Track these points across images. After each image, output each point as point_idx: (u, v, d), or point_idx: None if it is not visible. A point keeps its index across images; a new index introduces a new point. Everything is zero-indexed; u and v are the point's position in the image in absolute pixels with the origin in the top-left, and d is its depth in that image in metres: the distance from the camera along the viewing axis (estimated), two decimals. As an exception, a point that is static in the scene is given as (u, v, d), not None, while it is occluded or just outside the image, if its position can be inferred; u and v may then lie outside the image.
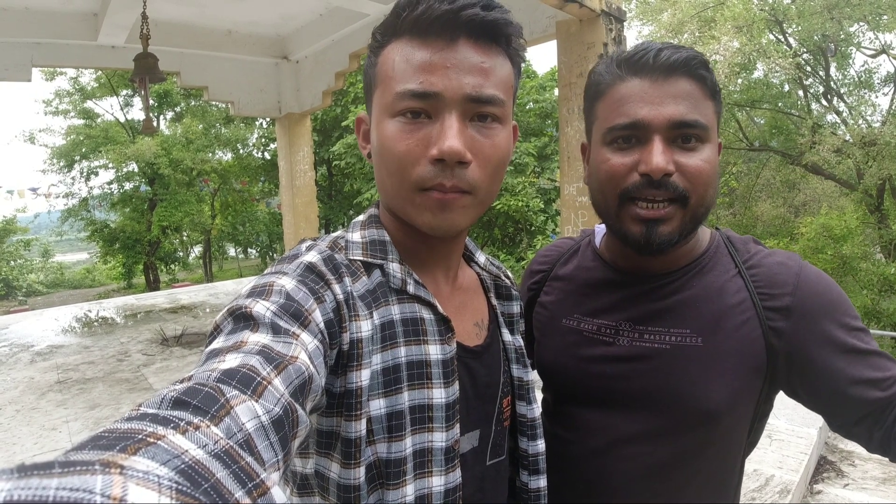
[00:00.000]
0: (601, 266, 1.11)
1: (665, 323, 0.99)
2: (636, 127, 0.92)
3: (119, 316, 8.95)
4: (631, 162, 0.93)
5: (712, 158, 0.93)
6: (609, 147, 0.97)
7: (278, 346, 0.60)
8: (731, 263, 1.00)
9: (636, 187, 0.93)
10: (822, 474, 3.34)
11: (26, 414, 4.60)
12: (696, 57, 0.92)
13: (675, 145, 0.92)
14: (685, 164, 0.91)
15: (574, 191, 4.89)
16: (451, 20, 0.74)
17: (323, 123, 20.34)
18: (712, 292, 0.98)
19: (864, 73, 15.17)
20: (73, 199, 22.71)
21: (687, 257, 1.02)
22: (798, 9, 12.97)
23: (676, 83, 0.91)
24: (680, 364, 0.96)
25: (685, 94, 0.91)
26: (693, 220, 0.94)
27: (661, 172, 0.89)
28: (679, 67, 0.91)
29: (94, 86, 21.92)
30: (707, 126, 0.92)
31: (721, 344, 0.94)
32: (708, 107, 0.93)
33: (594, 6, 4.42)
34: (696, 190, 0.91)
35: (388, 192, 0.82)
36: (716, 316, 0.96)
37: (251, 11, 7.00)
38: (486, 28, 0.76)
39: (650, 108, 0.91)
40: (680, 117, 0.90)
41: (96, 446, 0.36)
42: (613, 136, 0.95)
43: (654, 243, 0.93)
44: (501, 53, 0.80)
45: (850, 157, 13.67)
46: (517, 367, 0.98)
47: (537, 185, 17.41)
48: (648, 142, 0.92)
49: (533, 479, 0.99)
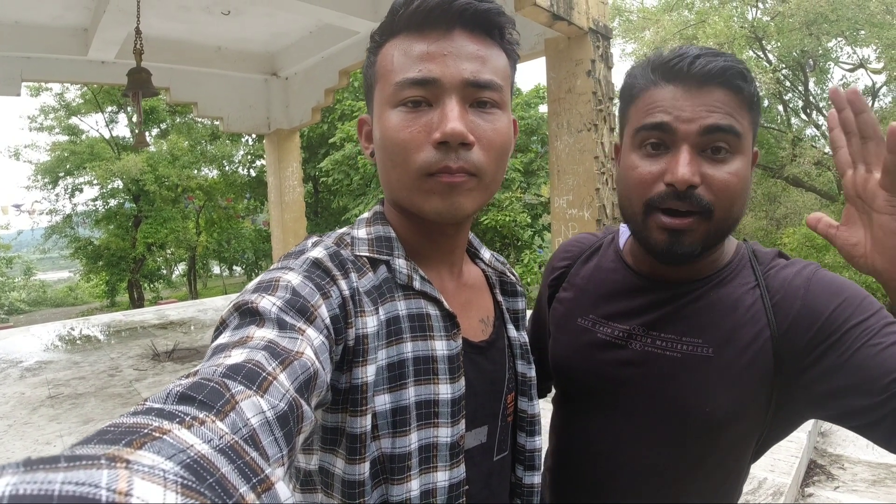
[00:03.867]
0: (622, 269, 1.10)
1: (678, 331, 0.98)
2: (664, 129, 0.90)
3: (107, 332, 8.86)
4: (658, 171, 0.91)
5: (742, 171, 0.90)
6: (638, 152, 0.95)
7: (284, 341, 0.60)
8: (751, 276, 0.98)
9: (661, 197, 0.91)
10: (812, 477, 3.39)
11: (19, 429, 4.56)
12: (732, 67, 0.88)
13: (704, 155, 0.89)
14: (712, 177, 0.88)
15: (564, 203, 4.96)
16: (445, 11, 0.76)
17: (310, 140, 20.34)
18: (728, 304, 0.96)
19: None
20: (57, 215, 22.48)
21: (710, 268, 1.00)
22: (777, 25, 13.23)
23: (711, 93, 0.88)
24: (689, 373, 0.95)
25: (719, 105, 0.88)
26: (718, 232, 0.91)
27: (685, 184, 0.87)
28: (715, 77, 0.88)
29: (79, 102, 21.78)
30: (739, 133, 0.88)
31: (732, 356, 0.93)
32: (744, 118, 0.90)
33: (582, 24, 4.53)
34: (721, 203, 0.89)
35: (393, 183, 0.82)
36: (729, 328, 0.94)
37: (241, 28, 7.06)
38: (479, 18, 0.78)
39: (681, 115, 0.89)
40: (712, 122, 0.87)
41: (102, 440, 0.36)
42: (641, 137, 0.93)
43: (677, 253, 0.92)
44: (496, 46, 0.82)
45: (830, 169, 13.93)
46: (521, 363, 0.99)
47: (523, 200, 17.52)
48: (676, 150, 0.90)
49: (528, 475, 1.00)
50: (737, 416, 0.93)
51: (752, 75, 0.92)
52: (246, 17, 6.66)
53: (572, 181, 4.93)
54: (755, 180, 16.78)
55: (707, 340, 0.95)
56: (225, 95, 8.29)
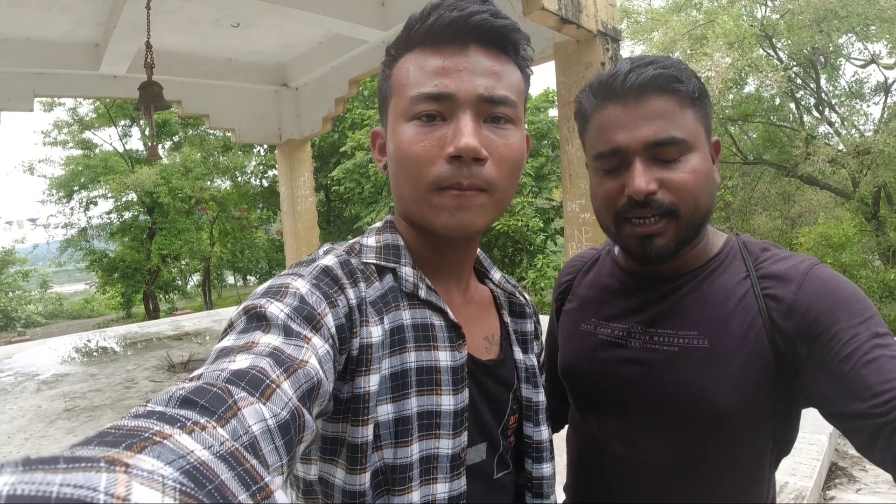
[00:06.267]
0: (618, 272, 1.13)
1: (674, 325, 1.00)
2: (616, 153, 0.95)
3: (123, 344, 8.94)
4: (619, 185, 0.97)
5: (699, 166, 0.94)
6: (598, 173, 1.01)
7: (289, 348, 0.60)
8: (742, 267, 1.00)
9: (626, 208, 0.96)
10: (834, 480, 3.35)
11: (35, 442, 4.59)
12: (662, 73, 0.93)
13: (655, 163, 0.94)
14: (669, 179, 0.93)
15: (577, 207, 4.94)
16: (461, 27, 0.77)
17: (321, 149, 20.44)
18: (720, 295, 0.98)
19: (854, 83, 15.32)
20: (71, 229, 22.75)
21: (698, 260, 1.03)
22: (787, 23, 13.14)
23: (648, 103, 0.93)
24: (688, 366, 0.97)
25: (658, 113, 0.92)
26: (689, 227, 0.96)
27: (642, 194, 0.92)
28: (648, 86, 0.93)
29: (92, 116, 22.03)
30: (685, 139, 0.93)
31: (728, 346, 0.94)
32: (686, 117, 0.94)
33: (591, 27, 4.51)
34: (685, 201, 0.93)
35: (405, 196, 0.82)
36: (723, 318, 0.96)
37: (251, 40, 7.10)
38: (494, 34, 0.79)
39: (625, 133, 0.94)
40: (654, 137, 0.92)
41: (102, 442, 0.36)
42: (598, 163, 1.00)
43: (651, 256, 0.96)
44: (511, 62, 0.82)
45: (844, 166, 13.78)
46: (527, 386, 0.98)
47: (535, 204, 17.51)
48: (629, 165, 0.94)
49: (536, 503, 0.99)
50: (742, 409, 0.93)
51: (689, 71, 0.97)
52: (255, 29, 6.71)
53: (584, 185, 4.90)
54: (768, 179, 16.73)
55: (702, 332, 0.97)
56: (236, 107, 8.35)
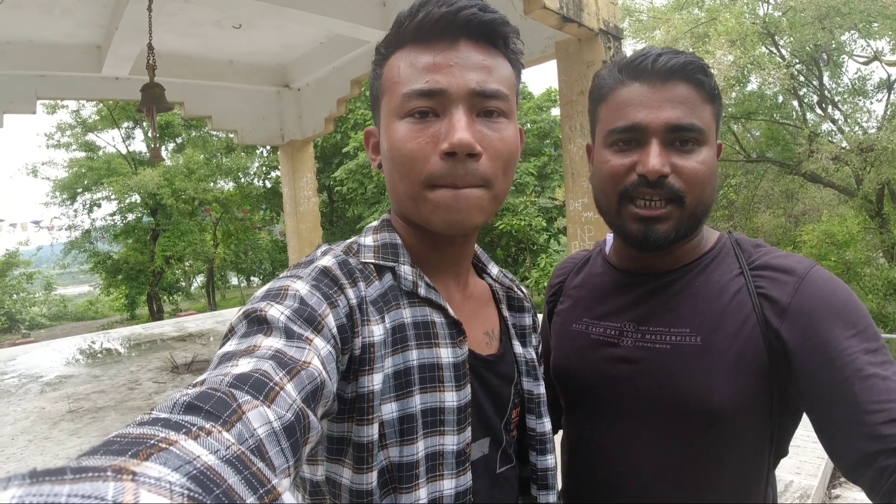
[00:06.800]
0: (609, 271, 1.13)
1: (666, 323, 1.00)
2: (634, 130, 0.95)
3: (127, 345, 8.96)
4: (630, 162, 0.96)
5: (709, 160, 0.96)
6: (610, 149, 1.00)
7: (291, 350, 0.60)
8: (735, 264, 1.00)
9: (634, 186, 0.96)
10: (839, 478, 3.34)
11: (39, 444, 4.61)
12: (693, 62, 0.94)
13: (672, 148, 0.94)
14: (682, 166, 0.94)
15: (579, 206, 4.94)
16: (450, 22, 0.76)
17: (323, 150, 20.45)
18: (713, 292, 0.98)
19: (857, 80, 15.26)
20: (75, 231, 22.86)
21: (690, 255, 1.03)
22: (789, 20, 13.11)
23: (674, 88, 0.94)
24: (681, 364, 0.96)
25: (682, 99, 0.94)
26: (691, 218, 0.96)
27: (656, 174, 0.92)
28: (677, 72, 0.94)
29: (95, 118, 22.12)
30: (704, 129, 0.94)
31: (720, 343, 0.94)
32: (706, 110, 0.95)
33: (592, 25, 4.50)
34: (692, 190, 0.94)
35: (400, 194, 0.82)
36: (715, 315, 0.96)
37: (252, 41, 7.11)
38: (484, 28, 0.78)
39: (648, 112, 0.94)
40: (676, 121, 0.93)
41: (108, 451, 0.36)
42: (614, 138, 0.99)
43: (651, 240, 0.96)
44: (501, 55, 0.82)
45: (848, 164, 13.74)
46: (528, 379, 0.98)
47: (538, 204, 17.50)
48: (646, 144, 0.95)
49: (542, 494, 0.99)
50: (737, 407, 0.93)
51: (711, 71, 0.98)
52: (256, 30, 6.72)
53: (587, 184, 4.87)
54: (772, 177, 16.68)
55: (694, 329, 0.97)
56: (238, 108, 8.36)
